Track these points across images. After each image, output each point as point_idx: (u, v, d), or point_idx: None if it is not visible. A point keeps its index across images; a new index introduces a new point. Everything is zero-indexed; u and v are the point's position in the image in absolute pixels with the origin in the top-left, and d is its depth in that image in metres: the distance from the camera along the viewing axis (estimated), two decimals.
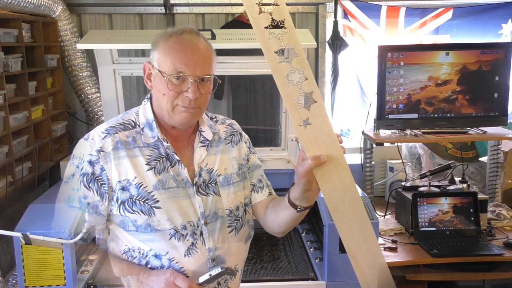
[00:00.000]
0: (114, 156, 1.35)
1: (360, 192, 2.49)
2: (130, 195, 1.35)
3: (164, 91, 1.34)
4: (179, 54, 1.33)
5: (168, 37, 1.35)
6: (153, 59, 1.37)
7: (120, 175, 1.35)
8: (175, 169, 1.39)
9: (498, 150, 3.09)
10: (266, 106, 3.65)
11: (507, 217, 2.82)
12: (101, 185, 1.35)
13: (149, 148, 1.39)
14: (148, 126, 1.41)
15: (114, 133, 1.38)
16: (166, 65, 1.33)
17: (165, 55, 1.34)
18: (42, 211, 2.28)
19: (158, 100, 1.39)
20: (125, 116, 1.45)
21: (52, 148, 3.33)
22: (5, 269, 2.58)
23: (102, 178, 1.34)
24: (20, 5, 2.73)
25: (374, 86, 2.95)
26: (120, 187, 1.35)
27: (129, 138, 1.39)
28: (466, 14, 3.70)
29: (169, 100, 1.34)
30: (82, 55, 3.46)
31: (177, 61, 1.32)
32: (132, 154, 1.37)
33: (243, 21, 3.63)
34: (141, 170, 1.36)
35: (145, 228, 1.35)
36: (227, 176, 1.47)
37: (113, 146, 1.36)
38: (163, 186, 1.36)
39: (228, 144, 1.52)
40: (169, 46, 1.34)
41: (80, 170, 1.35)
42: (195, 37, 1.36)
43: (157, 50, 1.36)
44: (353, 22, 3.68)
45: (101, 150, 1.35)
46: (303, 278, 2.36)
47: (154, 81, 1.38)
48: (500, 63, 2.87)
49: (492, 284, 2.63)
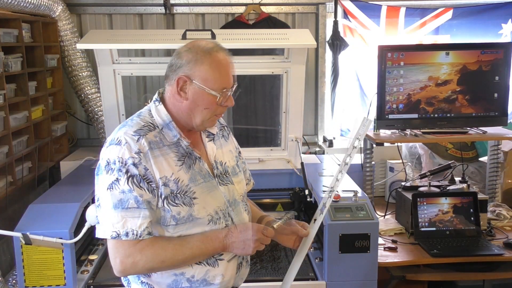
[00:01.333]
0: (152, 155, 1.44)
1: (360, 192, 2.49)
2: (170, 190, 1.45)
3: (207, 106, 1.48)
4: (223, 72, 1.47)
5: (209, 55, 1.46)
6: (194, 75, 1.45)
7: (160, 172, 1.44)
8: (197, 165, 1.52)
9: (498, 150, 3.08)
10: (266, 106, 3.65)
11: (507, 217, 2.82)
12: (149, 183, 1.42)
13: (174, 146, 1.49)
14: (166, 127, 1.50)
15: (144, 134, 1.46)
16: (214, 83, 1.46)
17: (212, 74, 1.45)
18: (42, 211, 2.28)
19: (191, 110, 1.49)
20: (142, 118, 1.52)
21: (52, 148, 3.33)
22: (5, 269, 2.59)
23: (147, 177, 1.42)
24: (20, 5, 2.74)
25: (374, 86, 2.95)
26: (162, 183, 1.44)
27: (157, 138, 1.48)
28: (466, 14, 3.70)
29: (210, 112, 1.49)
30: (82, 55, 3.46)
31: (223, 79, 1.47)
32: (164, 153, 1.47)
33: (243, 21, 3.64)
34: (175, 167, 1.47)
35: (186, 219, 1.46)
36: (233, 167, 1.64)
37: (148, 147, 1.44)
38: (194, 181, 1.49)
39: (222, 139, 1.68)
40: (215, 65, 1.46)
41: (125, 173, 1.40)
42: (226, 53, 1.51)
43: (200, 66, 1.45)
44: (353, 22, 3.68)
45: (140, 152, 1.42)
46: (303, 278, 2.36)
47: (193, 95, 1.47)
48: (500, 63, 2.87)
49: (492, 284, 2.63)
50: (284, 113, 3.18)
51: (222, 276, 1.52)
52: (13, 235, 2.16)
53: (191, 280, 1.49)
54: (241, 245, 1.47)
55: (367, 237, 2.29)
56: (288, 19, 3.78)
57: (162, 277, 1.49)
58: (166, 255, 1.42)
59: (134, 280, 1.53)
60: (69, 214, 2.26)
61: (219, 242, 1.47)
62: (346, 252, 2.29)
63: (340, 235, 2.28)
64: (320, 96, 3.86)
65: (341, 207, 2.38)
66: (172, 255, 1.43)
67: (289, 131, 3.20)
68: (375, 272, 2.32)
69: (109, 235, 1.40)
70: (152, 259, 1.41)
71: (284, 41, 2.93)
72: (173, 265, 1.46)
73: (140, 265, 1.41)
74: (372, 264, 2.31)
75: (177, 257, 1.44)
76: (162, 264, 1.43)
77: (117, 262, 1.41)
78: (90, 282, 2.34)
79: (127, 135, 1.44)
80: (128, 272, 1.45)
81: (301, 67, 3.04)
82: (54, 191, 2.62)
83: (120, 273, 1.44)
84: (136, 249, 1.40)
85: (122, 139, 1.43)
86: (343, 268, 2.30)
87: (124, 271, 1.44)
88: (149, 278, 1.51)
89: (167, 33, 3.27)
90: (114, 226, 1.39)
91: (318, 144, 3.90)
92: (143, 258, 1.40)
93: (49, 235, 2.16)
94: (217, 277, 1.51)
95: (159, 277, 1.50)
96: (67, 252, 2.21)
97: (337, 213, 2.34)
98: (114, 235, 1.39)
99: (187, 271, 1.48)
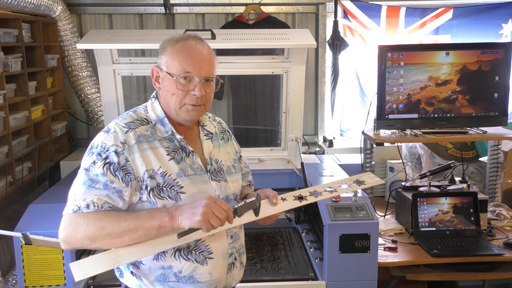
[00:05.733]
0: (139, 148, 1.46)
1: (360, 192, 2.49)
2: (157, 183, 1.46)
3: (173, 91, 1.49)
4: (186, 57, 1.49)
5: (175, 43, 1.51)
6: (161, 63, 1.52)
7: (146, 165, 1.46)
8: (190, 158, 1.53)
9: (498, 150, 3.08)
10: (266, 106, 3.65)
11: (507, 217, 2.82)
12: (126, 174, 1.43)
13: (166, 141, 1.52)
14: (159, 122, 1.54)
15: (135, 128, 1.50)
16: (174, 67, 1.49)
17: (173, 58, 1.49)
18: (42, 211, 2.28)
19: (166, 100, 1.53)
20: (136, 113, 1.56)
21: (52, 148, 3.33)
22: (5, 269, 2.59)
23: (127, 168, 1.44)
24: (20, 5, 2.74)
25: (374, 86, 2.95)
26: (148, 175, 1.45)
27: (148, 132, 1.51)
28: (466, 14, 3.71)
29: (178, 99, 1.49)
30: (82, 55, 3.46)
31: (184, 63, 1.48)
32: (153, 146, 1.49)
33: (243, 21, 3.64)
34: (164, 160, 1.49)
35: None
36: (228, 166, 1.65)
37: (136, 140, 1.47)
38: (184, 173, 1.50)
39: (222, 140, 1.71)
40: (177, 50, 1.50)
41: (104, 158, 1.43)
42: (199, 42, 1.53)
43: (165, 54, 1.51)
44: (353, 22, 3.68)
45: (125, 143, 1.45)
46: (303, 278, 2.36)
47: (163, 82, 1.53)
48: (500, 63, 2.87)
49: (492, 284, 2.63)
50: (284, 113, 3.18)
51: (210, 275, 1.52)
52: (13, 235, 2.16)
53: (178, 275, 1.49)
54: (189, 210, 1.37)
55: (367, 237, 2.29)
56: (288, 19, 3.78)
57: (150, 269, 1.49)
58: (107, 221, 1.37)
59: (126, 271, 1.54)
60: None
61: (166, 211, 1.40)
62: (346, 252, 2.29)
63: (340, 235, 2.28)
64: (320, 96, 3.86)
65: (341, 207, 2.38)
66: (114, 221, 1.37)
67: (289, 131, 3.20)
68: (375, 272, 2.32)
69: (71, 209, 1.39)
70: (93, 224, 1.37)
71: (284, 41, 2.93)
72: (115, 234, 1.37)
73: (81, 230, 1.37)
74: (372, 264, 2.31)
75: (120, 223, 1.37)
76: (103, 230, 1.36)
77: (61, 230, 1.40)
78: (90, 282, 2.34)
79: (117, 126, 1.49)
80: (70, 240, 1.39)
81: (301, 67, 3.04)
82: (54, 191, 2.62)
83: (63, 242, 1.41)
84: (81, 216, 1.38)
85: (111, 128, 1.49)
86: (343, 268, 2.30)
87: (66, 239, 1.40)
88: (138, 270, 1.51)
89: (167, 33, 3.25)
90: (76, 200, 1.40)
91: (318, 144, 3.90)
92: (84, 222, 1.37)
93: (49, 235, 2.16)
94: (205, 275, 1.51)
95: (147, 269, 1.50)
96: (67, 252, 2.20)
97: (337, 213, 2.34)
98: (75, 209, 1.39)
99: (175, 265, 1.48)
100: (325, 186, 1.72)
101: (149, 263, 1.49)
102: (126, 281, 1.54)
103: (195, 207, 1.38)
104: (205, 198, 1.39)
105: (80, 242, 1.40)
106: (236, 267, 1.62)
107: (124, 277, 1.55)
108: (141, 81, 3.69)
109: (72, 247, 1.45)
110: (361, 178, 1.77)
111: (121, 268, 1.54)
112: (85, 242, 1.40)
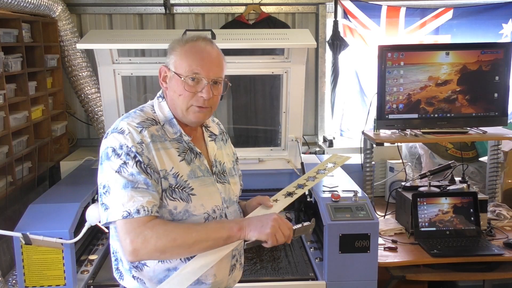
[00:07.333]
0: (154, 147, 1.45)
1: (360, 192, 2.49)
2: (169, 183, 1.45)
3: (180, 92, 1.48)
4: (195, 58, 1.47)
5: (184, 43, 1.49)
6: (170, 63, 1.50)
7: (160, 165, 1.45)
8: (198, 160, 1.53)
9: (498, 150, 3.08)
10: (266, 106, 3.65)
11: (507, 217, 2.82)
12: (153, 172, 1.43)
13: (175, 142, 1.51)
14: (168, 123, 1.52)
15: (147, 127, 1.47)
16: (182, 67, 1.47)
17: (181, 59, 1.48)
18: (42, 211, 2.28)
19: (173, 100, 1.51)
20: (145, 112, 1.53)
21: (52, 148, 3.33)
22: (5, 269, 2.58)
23: (151, 166, 1.43)
24: (20, 5, 2.74)
25: (374, 86, 2.95)
26: (162, 175, 1.44)
27: (159, 132, 1.49)
28: (466, 14, 3.70)
29: (185, 100, 1.48)
30: (82, 55, 3.46)
31: (193, 64, 1.46)
32: (165, 147, 1.48)
33: (243, 21, 3.64)
34: (176, 161, 1.48)
35: (183, 215, 1.45)
36: (230, 168, 1.66)
37: (150, 139, 1.45)
38: (194, 175, 1.50)
39: (222, 142, 1.70)
40: (186, 50, 1.48)
41: (133, 157, 1.40)
42: (208, 43, 1.51)
43: (174, 54, 1.50)
44: (353, 22, 3.68)
45: (142, 142, 1.43)
46: (303, 278, 2.36)
47: (170, 83, 1.51)
48: (500, 63, 2.87)
49: (492, 284, 2.63)
50: (284, 113, 3.18)
51: (215, 276, 1.51)
52: (13, 235, 2.16)
53: None
54: (258, 223, 1.41)
55: (367, 237, 2.29)
56: (288, 19, 3.78)
57: (155, 272, 1.47)
58: (178, 232, 1.37)
59: (127, 274, 1.51)
60: (69, 214, 2.26)
61: (234, 222, 1.44)
62: (346, 252, 2.29)
63: (340, 235, 2.28)
64: (320, 96, 3.86)
65: (341, 207, 2.38)
66: (185, 232, 1.38)
67: (289, 131, 3.20)
68: (375, 272, 2.32)
69: (120, 215, 1.36)
70: (164, 236, 1.35)
71: (284, 41, 2.93)
72: (186, 245, 1.38)
73: (151, 243, 1.35)
74: (372, 264, 2.31)
75: (190, 234, 1.37)
76: (174, 242, 1.36)
77: (127, 242, 1.36)
78: (90, 282, 2.34)
79: (130, 126, 1.45)
80: (139, 252, 1.36)
81: (301, 67, 3.04)
82: (54, 191, 2.62)
83: (131, 254, 1.37)
84: (147, 226, 1.35)
85: (125, 129, 1.44)
86: (343, 268, 2.30)
87: (135, 252, 1.36)
88: (141, 273, 1.48)
89: (167, 33, 3.27)
90: (125, 205, 1.36)
91: (318, 144, 3.90)
92: (154, 235, 1.35)
93: (49, 235, 2.16)
94: (209, 277, 1.51)
95: (151, 272, 1.47)
96: (67, 252, 2.21)
97: (337, 213, 2.34)
98: (125, 215, 1.36)
99: (180, 267, 1.47)
100: (304, 177, 1.78)
101: (154, 265, 1.47)
102: (126, 284, 1.53)
103: (263, 220, 1.42)
104: (274, 214, 1.44)
105: (150, 255, 1.40)
106: (237, 268, 1.62)
107: (124, 279, 1.54)
108: (141, 81, 3.69)
109: (140, 259, 1.43)
110: (331, 161, 1.86)
111: (121, 270, 1.53)
112: (155, 254, 1.39)
